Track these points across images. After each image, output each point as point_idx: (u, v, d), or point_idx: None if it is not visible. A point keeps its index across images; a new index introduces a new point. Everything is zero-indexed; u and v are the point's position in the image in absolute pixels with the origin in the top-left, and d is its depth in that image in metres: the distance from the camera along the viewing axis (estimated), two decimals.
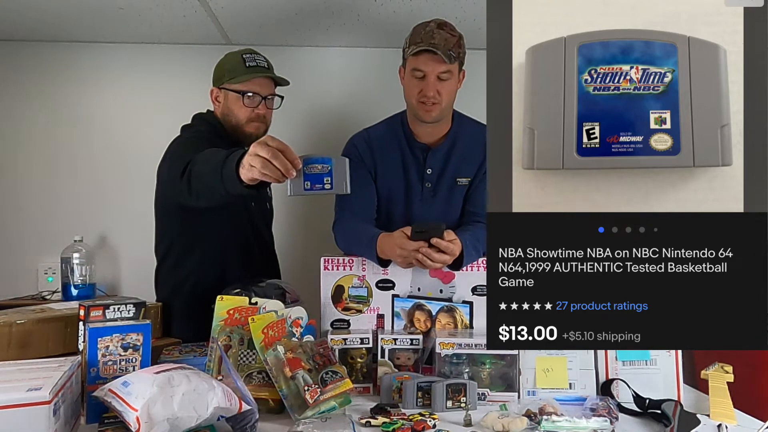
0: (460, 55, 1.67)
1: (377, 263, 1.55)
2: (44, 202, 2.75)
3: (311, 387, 1.23)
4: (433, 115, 1.71)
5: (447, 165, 1.77)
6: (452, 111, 1.81)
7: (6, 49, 2.74)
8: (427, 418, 1.22)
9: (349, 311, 1.56)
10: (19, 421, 0.96)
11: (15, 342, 1.35)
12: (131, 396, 1.05)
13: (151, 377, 1.09)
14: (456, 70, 1.69)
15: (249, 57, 1.81)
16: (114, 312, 1.30)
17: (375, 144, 1.81)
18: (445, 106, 1.70)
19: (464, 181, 1.77)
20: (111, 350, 1.23)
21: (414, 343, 1.49)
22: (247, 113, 1.80)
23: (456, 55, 1.65)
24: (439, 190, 1.77)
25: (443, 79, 1.66)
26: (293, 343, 1.36)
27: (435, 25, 1.66)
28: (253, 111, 1.80)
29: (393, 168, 1.78)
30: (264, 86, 1.82)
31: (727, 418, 1.27)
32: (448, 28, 1.67)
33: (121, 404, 1.05)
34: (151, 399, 1.02)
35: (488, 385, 1.39)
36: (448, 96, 1.70)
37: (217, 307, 1.39)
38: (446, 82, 1.67)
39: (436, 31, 1.64)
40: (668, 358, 1.41)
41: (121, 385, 1.10)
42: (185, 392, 1.06)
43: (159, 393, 1.04)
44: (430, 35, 1.64)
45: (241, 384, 1.17)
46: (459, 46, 1.67)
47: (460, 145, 1.78)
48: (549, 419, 1.18)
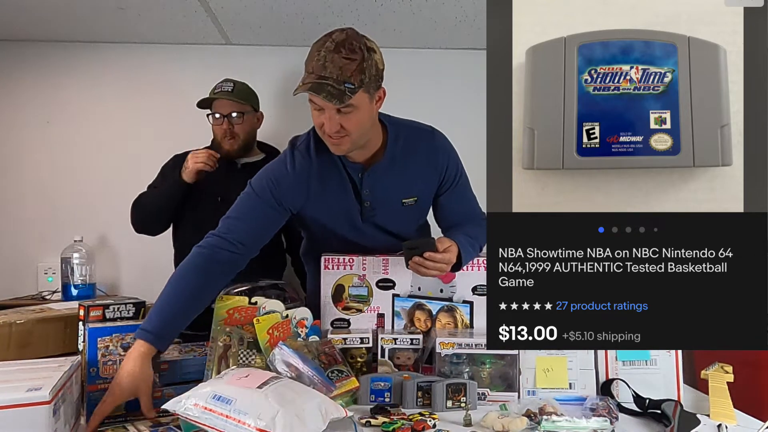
0: (363, 82, 1.35)
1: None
2: (44, 202, 2.75)
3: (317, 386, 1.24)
4: (343, 149, 1.45)
5: (387, 187, 1.56)
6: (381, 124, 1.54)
7: (6, 49, 2.75)
8: (427, 418, 1.22)
9: (350, 310, 1.56)
10: (19, 421, 0.96)
11: (15, 342, 1.35)
12: (246, 415, 1.02)
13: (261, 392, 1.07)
14: (360, 99, 1.37)
15: (218, 85, 2.22)
16: (114, 312, 1.30)
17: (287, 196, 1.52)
18: (356, 137, 1.43)
19: (410, 201, 1.59)
20: (111, 350, 1.23)
21: (414, 343, 1.49)
22: (218, 131, 2.20)
23: (356, 86, 1.34)
24: (379, 208, 1.57)
25: (345, 112, 1.37)
26: (298, 344, 1.36)
27: (332, 46, 1.34)
28: (221, 128, 2.19)
29: (329, 190, 1.55)
30: (225, 106, 2.17)
31: (727, 418, 1.27)
32: (347, 50, 1.35)
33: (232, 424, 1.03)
34: (279, 417, 1.01)
35: (488, 384, 1.39)
36: (357, 127, 1.40)
37: (217, 307, 1.39)
38: (350, 114, 1.38)
39: (329, 57, 1.34)
40: (668, 358, 1.41)
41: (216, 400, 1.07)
42: (310, 408, 1.06)
43: (286, 410, 1.03)
44: (321, 64, 1.34)
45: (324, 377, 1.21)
46: (360, 71, 1.35)
47: (399, 163, 1.54)
48: (549, 419, 1.18)
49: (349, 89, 1.33)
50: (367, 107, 1.41)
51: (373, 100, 1.43)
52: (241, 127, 2.19)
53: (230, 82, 2.22)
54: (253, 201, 1.49)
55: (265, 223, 1.50)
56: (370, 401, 1.33)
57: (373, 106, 1.44)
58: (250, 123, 2.24)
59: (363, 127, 1.43)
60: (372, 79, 1.39)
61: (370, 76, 1.37)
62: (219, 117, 2.18)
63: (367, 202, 1.55)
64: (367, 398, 1.33)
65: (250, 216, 1.48)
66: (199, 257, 1.40)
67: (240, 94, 2.20)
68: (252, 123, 2.25)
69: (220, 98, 2.18)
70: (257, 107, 2.30)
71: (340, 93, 1.33)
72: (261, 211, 1.49)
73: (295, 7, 2.37)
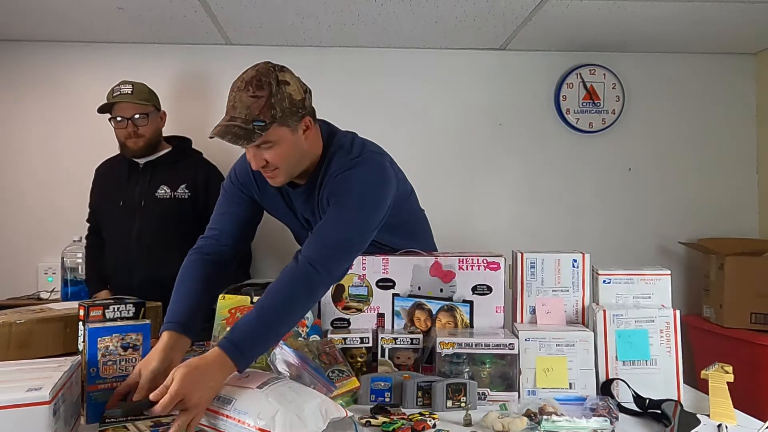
0: (275, 117, 1.32)
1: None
2: (44, 202, 2.75)
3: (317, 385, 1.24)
4: (278, 181, 1.45)
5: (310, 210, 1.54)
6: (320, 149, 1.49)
7: (6, 49, 2.75)
8: (427, 418, 1.22)
9: (349, 310, 1.56)
10: (19, 421, 0.96)
11: (15, 342, 1.35)
12: (246, 415, 1.03)
13: (261, 392, 1.07)
14: (277, 134, 1.35)
15: (117, 88, 2.24)
16: (114, 312, 1.30)
17: (245, 183, 1.58)
18: (287, 169, 1.42)
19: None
20: (111, 350, 1.23)
21: (414, 343, 1.49)
22: (122, 133, 2.26)
23: (267, 123, 1.31)
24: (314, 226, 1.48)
25: (265, 148, 1.36)
26: (299, 343, 1.36)
27: (241, 85, 1.33)
28: (124, 130, 2.24)
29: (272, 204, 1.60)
30: (127, 109, 2.22)
31: (727, 418, 1.27)
32: (254, 87, 1.32)
33: (232, 423, 1.03)
34: (279, 416, 1.01)
35: (488, 384, 1.39)
36: (283, 160, 1.39)
37: (219, 306, 1.39)
38: (271, 149, 1.37)
39: (238, 97, 1.32)
40: (668, 358, 1.41)
41: (216, 400, 1.07)
42: (310, 408, 1.06)
43: (286, 409, 1.03)
44: (231, 105, 1.33)
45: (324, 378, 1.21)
46: (270, 107, 1.31)
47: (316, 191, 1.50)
48: (549, 419, 1.18)
49: (258, 127, 1.31)
50: (288, 140, 1.38)
51: (297, 131, 1.39)
52: (146, 128, 2.25)
53: (128, 84, 2.24)
54: (224, 192, 1.61)
55: (239, 210, 1.57)
56: (370, 401, 1.33)
57: (299, 136, 1.40)
58: (155, 123, 2.31)
59: (289, 159, 1.41)
60: (287, 112, 1.35)
61: (282, 110, 1.34)
62: (121, 120, 2.22)
63: (303, 217, 1.58)
64: (368, 398, 1.33)
65: (224, 206, 1.59)
66: (190, 258, 1.50)
67: (140, 95, 2.25)
68: (156, 122, 2.32)
69: (121, 101, 2.21)
70: (159, 106, 2.35)
71: (247, 133, 1.31)
72: (231, 198, 1.58)
73: (295, 7, 2.37)
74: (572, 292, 1.52)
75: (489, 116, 2.88)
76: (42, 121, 2.77)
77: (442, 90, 2.87)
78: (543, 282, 1.53)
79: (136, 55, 2.78)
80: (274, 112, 1.32)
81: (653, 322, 1.42)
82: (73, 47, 2.77)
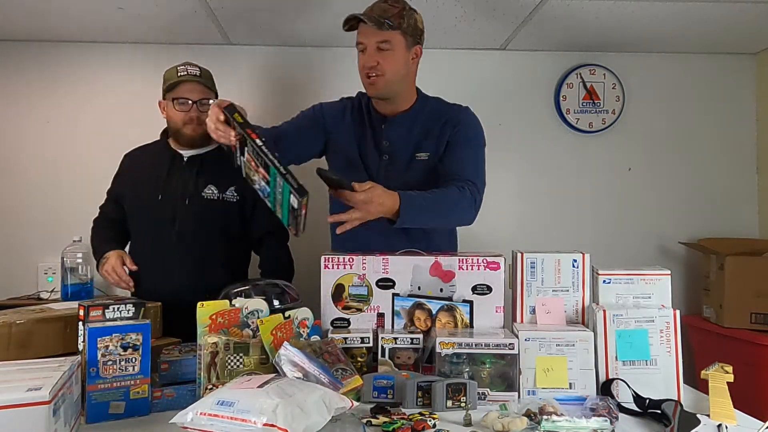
0: (401, 25, 1.65)
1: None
2: (44, 202, 2.75)
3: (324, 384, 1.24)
4: (377, 88, 1.70)
5: (406, 138, 1.77)
6: (415, 91, 1.81)
7: (6, 49, 2.75)
8: (427, 418, 1.22)
9: (350, 310, 1.56)
10: (19, 421, 0.96)
11: (15, 342, 1.35)
12: (248, 413, 1.02)
13: (262, 390, 1.07)
14: (397, 40, 1.67)
15: (182, 68, 2.04)
16: (113, 312, 1.30)
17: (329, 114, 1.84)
18: (390, 78, 1.69)
19: (423, 155, 1.76)
20: (111, 350, 1.23)
21: (414, 343, 1.49)
22: (182, 117, 2.02)
23: (395, 24, 1.64)
24: (396, 162, 1.77)
25: (383, 49, 1.65)
26: (301, 343, 1.36)
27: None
28: (187, 114, 2.01)
29: (348, 138, 1.80)
30: (195, 92, 2.02)
31: (727, 418, 1.27)
32: (392, 1, 1.68)
33: (237, 424, 1.02)
34: (280, 409, 1.01)
35: (488, 384, 1.39)
36: (392, 66, 1.68)
37: (198, 314, 1.35)
38: (387, 52, 1.66)
39: (376, 5, 1.67)
40: (668, 358, 1.41)
41: (219, 405, 1.06)
42: (312, 400, 1.07)
43: (287, 402, 1.03)
44: (369, 9, 1.67)
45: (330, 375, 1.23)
46: (400, 16, 1.65)
47: (420, 121, 1.78)
48: (549, 419, 1.18)
49: (388, 24, 1.62)
50: (402, 52, 1.68)
51: (409, 51, 1.70)
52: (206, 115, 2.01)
53: (194, 65, 2.06)
54: (300, 114, 1.86)
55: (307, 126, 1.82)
56: (373, 398, 1.34)
57: (408, 56, 1.70)
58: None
59: (397, 70, 1.68)
60: (411, 27, 1.67)
61: (409, 24, 1.66)
62: (184, 102, 2.00)
63: (386, 156, 1.75)
64: (370, 395, 1.34)
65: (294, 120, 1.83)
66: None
67: (208, 80, 2.07)
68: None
69: (189, 81, 2.01)
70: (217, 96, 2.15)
71: (379, 22, 1.62)
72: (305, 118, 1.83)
73: (295, 7, 2.37)
74: (572, 292, 1.52)
75: (489, 116, 2.87)
76: (42, 120, 2.77)
77: (442, 90, 2.86)
78: (543, 282, 1.53)
79: (136, 55, 2.78)
80: (402, 22, 1.66)
81: (653, 322, 1.42)
82: (73, 47, 2.77)
